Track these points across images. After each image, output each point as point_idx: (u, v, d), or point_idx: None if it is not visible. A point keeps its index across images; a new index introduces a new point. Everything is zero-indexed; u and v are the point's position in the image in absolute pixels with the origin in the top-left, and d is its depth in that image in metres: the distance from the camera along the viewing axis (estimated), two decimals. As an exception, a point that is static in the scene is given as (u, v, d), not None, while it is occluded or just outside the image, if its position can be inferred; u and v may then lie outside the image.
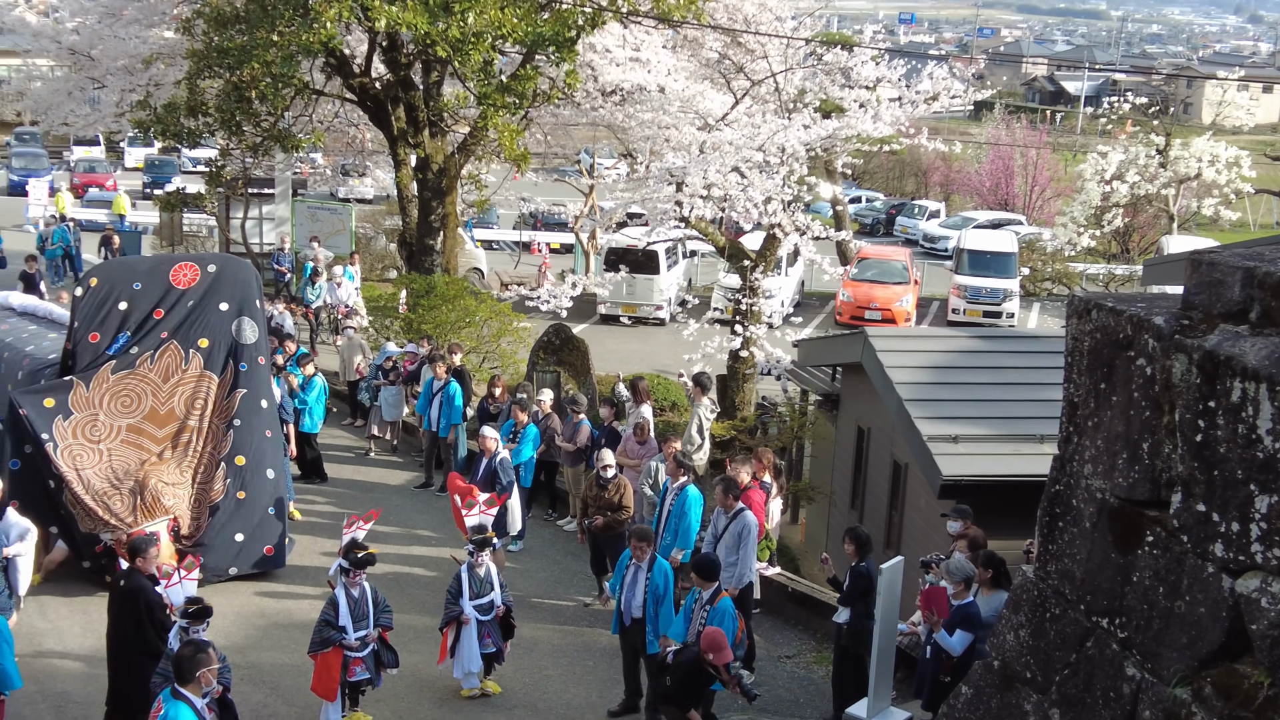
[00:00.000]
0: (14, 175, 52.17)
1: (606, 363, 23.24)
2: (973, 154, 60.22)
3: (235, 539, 14.83)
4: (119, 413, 14.86)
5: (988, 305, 33.96)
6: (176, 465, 14.73)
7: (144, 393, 15.02)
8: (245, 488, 14.95)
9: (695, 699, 10.49)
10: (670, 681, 10.63)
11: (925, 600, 10.43)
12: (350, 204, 35.16)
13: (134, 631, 10.73)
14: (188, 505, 14.56)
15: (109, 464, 14.51)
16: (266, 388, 15.57)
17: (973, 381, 15.02)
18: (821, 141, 19.86)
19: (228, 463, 14.98)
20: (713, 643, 10.27)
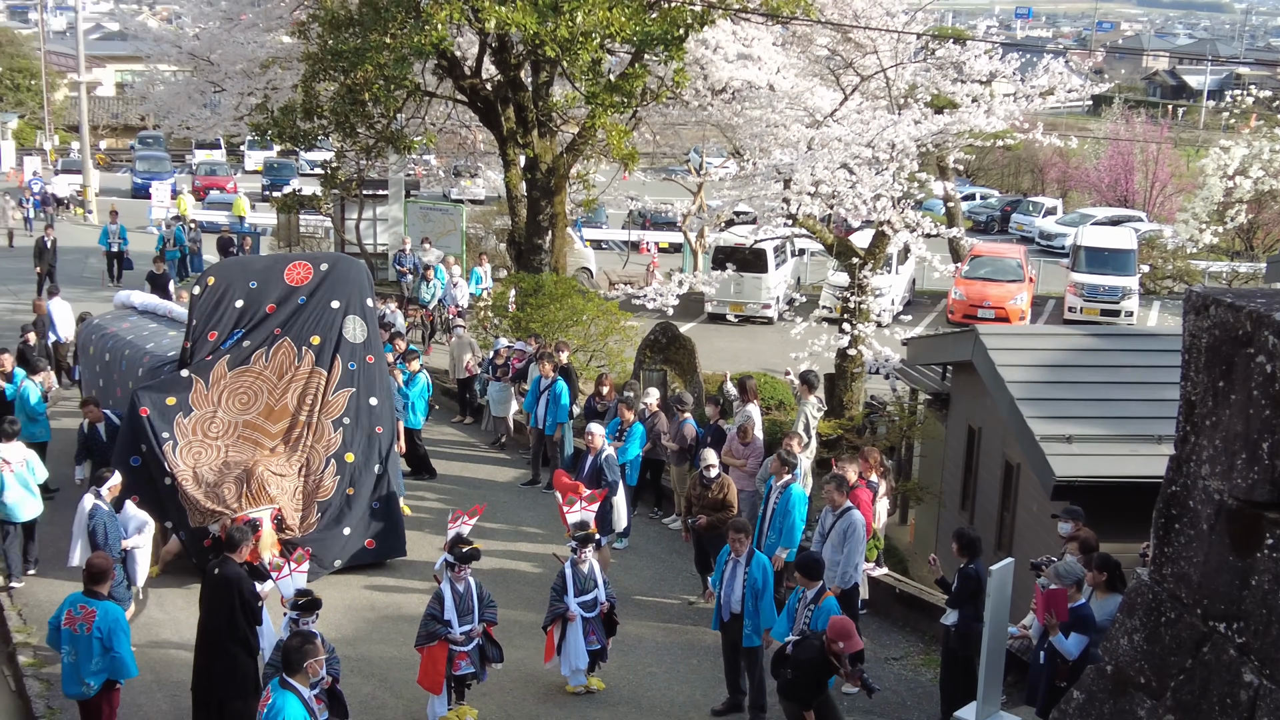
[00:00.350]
0: (138, 178, 53.72)
1: (713, 361, 23.18)
2: (1091, 149, 58.89)
3: (343, 533, 15.07)
4: (237, 409, 15.19)
5: (1105, 303, 33.21)
6: (285, 459, 15.00)
7: (260, 390, 15.33)
8: (354, 484, 15.17)
9: (817, 692, 10.25)
10: (791, 675, 10.33)
11: (1045, 602, 10.19)
12: (462, 205, 35.55)
13: (226, 621, 10.90)
14: (292, 497, 14.80)
15: (224, 459, 14.83)
16: (376, 386, 15.77)
17: (1087, 380, 14.67)
18: (933, 137, 19.55)
19: (338, 459, 15.21)
20: (843, 630, 10.03)
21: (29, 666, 12.59)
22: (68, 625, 10.32)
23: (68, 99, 67.68)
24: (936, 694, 12.46)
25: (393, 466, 15.81)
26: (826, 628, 10.25)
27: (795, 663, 10.27)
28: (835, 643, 9.95)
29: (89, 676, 10.29)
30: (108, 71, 78.53)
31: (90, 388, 18.50)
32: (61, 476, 17.46)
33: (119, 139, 72.60)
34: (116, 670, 10.39)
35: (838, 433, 19.04)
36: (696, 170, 38.26)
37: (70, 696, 10.58)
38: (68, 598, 10.59)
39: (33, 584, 14.60)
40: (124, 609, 11.76)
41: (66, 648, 10.35)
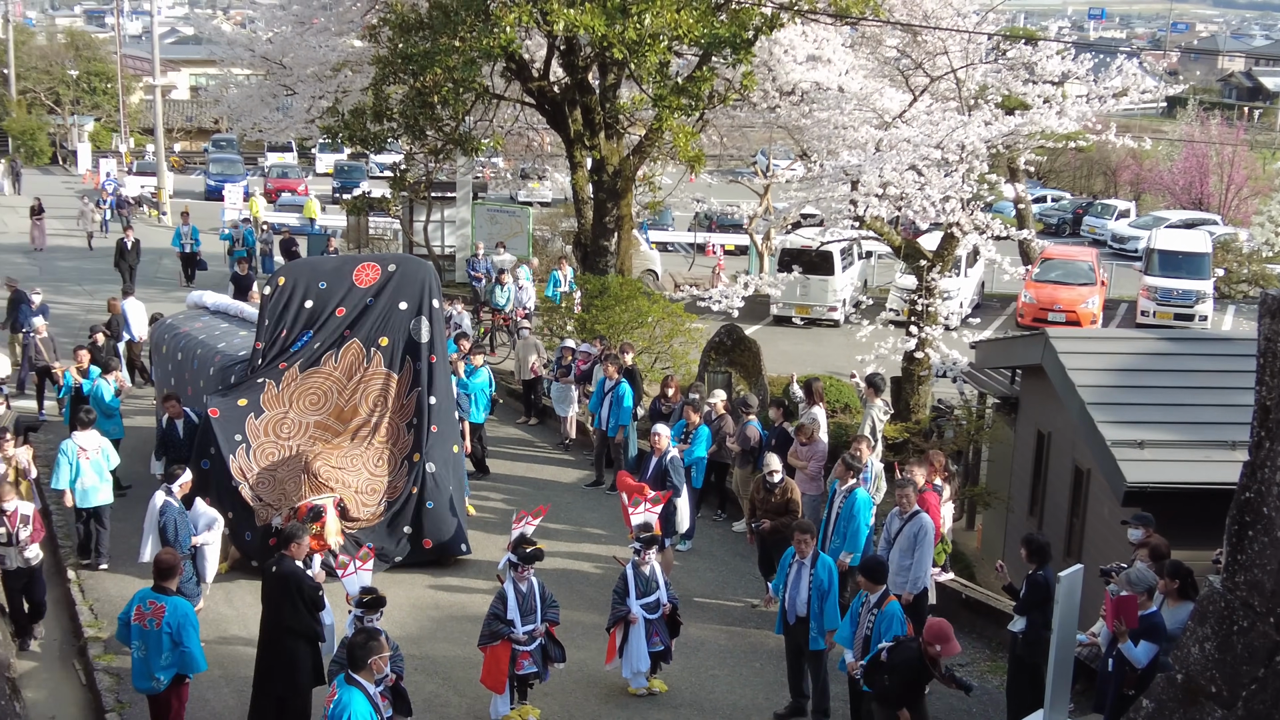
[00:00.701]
0: (211, 180, 54.53)
1: (778, 364, 23.08)
2: (1165, 152, 58.00)
3: (403, 530, 15.23)
4: (307, 410, 15.38)
5: (1179, 307, 32.66)
6: (349, 454, 15.12)
7: (330, 390, 15.51)
8: (417, 483, 15.31)
9: (915, 697, 10.05)
10: (889, 680, 10.08)
11: (1114, 609, 10.02)
12: (529, 207, 35.71)
13: (284, 616, 10.99)
14: (357, 491, 14.94)
15: (292, 458, 15.01)
16: (439, 385, 15.87)
17: (1160, 385, 14.43)
18: (1003, 138, 19.33)
19: (409, 461, 15.35)
20: (941, 633, 9.82)
21: (99, 661, 12.80)
22: (137, 621, 10.46)
23: (143, 102, 68.93)
24: (1002, 701, 12.31)
25: (453, 465, 15.87)
26: (923, 630, 10.06)
27: (892, 668, 10.05)
28: (933, 646, 9.74)
29: (158, 671, 10.43)
30: (182, 75, 80.00)
31: (163, 386, 18.80)
32: (133, 474, 17.79)
33: (193, 142, 73.85)
34: (186, 665, 10.53)
35: (904, 436, 18.88)
36: (763, 172, 38.15)
37: (140, 691, 10.74)
38: (137, 593, 10.74)
39: (103, 579, 14.85)
40: (193, 604, 11.92)
41: (136, 643, 10.49)
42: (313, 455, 14.87)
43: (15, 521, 12.89)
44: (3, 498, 12.88)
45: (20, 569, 13.03)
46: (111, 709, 11.88)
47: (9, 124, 67.62)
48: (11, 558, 12.95)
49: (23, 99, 70.09)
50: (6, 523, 12.87)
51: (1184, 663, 9.28)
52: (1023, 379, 18.22)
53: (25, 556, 12.98)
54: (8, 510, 12.91)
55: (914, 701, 9.96)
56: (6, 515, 12.89)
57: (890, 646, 10.26)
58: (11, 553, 12.93)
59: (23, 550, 12.93)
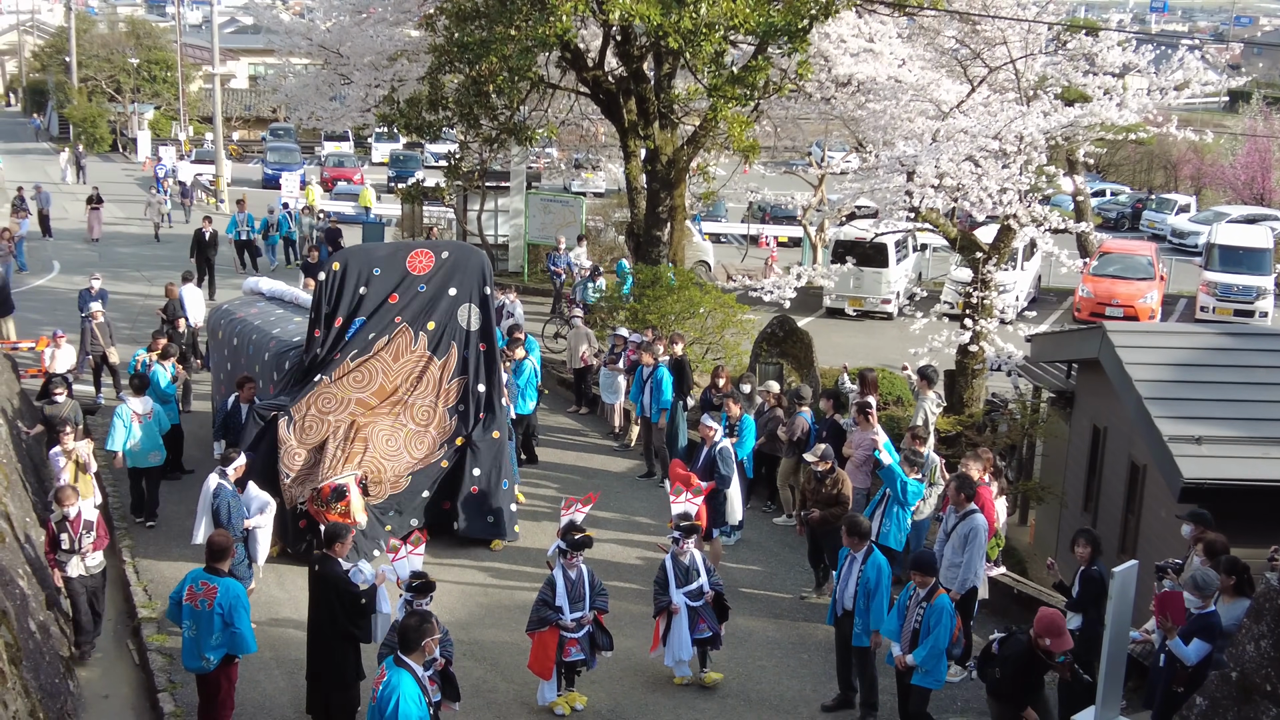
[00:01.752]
0: (269, 169, 55.02)
1: (830, 356, 22.94)
2: (1227, 146, 57.10)
3: (421, 495, 15.41)
4: (351, 387, 15.51)
5: (1239, 303, 32.17)
6: (384, 430, 15.25)
7: (376, 370, 15.65)
8: (449, 459, 15.50)
9: (1032, 692, 9.69)
10: (1000, 674, 9.83)
11: (1160, 605, 9.90)
12: (582, 197, 35.73)
13: (328, 617, 11.05)
14: (388, 467, 15.07)
15: (330, 434, 15.13)
16: (484, 372, 15.92)
17: (1219, 380, 14.20)
18: (1062, 130, 19.08)
19: (449, 444, 15.46)
20: (1051, 626, 9.54)
21: (152, 641, 12.96)
22: (189, 601, 10.57)
23: (202, 91, 69.63)
24: (1051, 695, 12.18)
25: (496, 452, 15.85)
26: (1034, 623, 9.78)
27: (1002, 660, 9.79)
28: (1042, 639, 9.47)
29: (209, 651, 10.53)
30: (241, 64, 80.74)
31: (219, 371, 19.00)
32: (191, 459, 18.01)
33: (251, 130, 74.56)
34: (236, 645, 10.62)
35: (957, 430, 18.72)
36: (818, 163, 37.95)
37: (190, 670, 10.85)
38: (189, 574, 10.86)
39: (157, 561, 15.03)
40: (245, 586, 12.03)
41: (188, 622, 10.60)
42: (348, 432, 15.02)
43: (79, 528, 12.45)
44: (64, 502, 12.47)
45: (82, 576, 12.59)
46: (164, 689, 12.02)
47: (70, 111, 68.56)
48: (74, 566, 12.51)
49: (84, 86, 71.02)
50: (69, 529, 12.44)
51: (1239, 660, 9.14)
52: (1079, 373, 18.01)
53: (88, 565, 12.58)
54: (70, 516, 12.44)
55: (1033, 698, 9.58)
56: (69, 521, 12.44)
57: (1001, 638, 10.00)
58: (74, 560, 12.49)
59: (85, 557, 12.51)
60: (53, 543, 12.58)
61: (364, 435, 15.08)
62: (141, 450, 16.06)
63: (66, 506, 12.44)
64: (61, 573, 12.62)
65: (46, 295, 30.34)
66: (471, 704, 11.62)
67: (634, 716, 11.82)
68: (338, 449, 14.89)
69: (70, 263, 34.68)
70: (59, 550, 12.50)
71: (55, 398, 16.52)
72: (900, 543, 13.61)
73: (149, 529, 16.02)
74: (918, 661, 10.44)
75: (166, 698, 11.86)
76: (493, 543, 15.79)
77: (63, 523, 12.45)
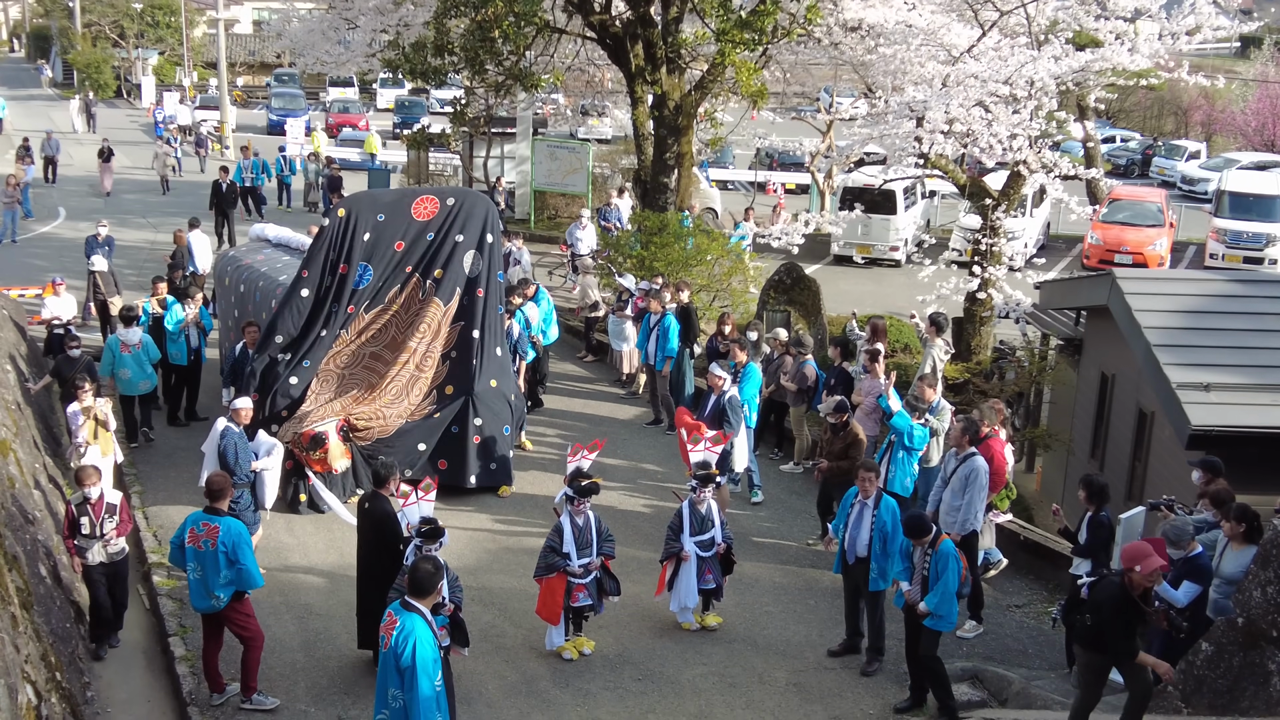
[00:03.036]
0: (273, 115, 54.71)
1: (838, 303, 22.90)
2: (1238, 92, 56.62)
3: (418, 448, 15.38)
4: (368, 343, 15.53)
5: (1249, 250, 32.03)
6: (389, 380, 15.30)
7: (390, 324, 15.63)
8: (441, 408, 15.47)
9: (1127, 640, 8.86)
10: (1091, 620, 9.06)
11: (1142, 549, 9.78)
12: (589, 143, 35.51)
13: (377, 554, 11.15)
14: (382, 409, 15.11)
15: (338, 389, 15.16)
16: (479, 319, 15.86)
17: (1228, 328, 14.16)
18: (1073, 75, 18.90)
19: (439, 391, 15.48)
20: (1137, 552, 8.82)
21: (163, 585, 13.03)
22: (191, 543, 10.62)
23: (206, 36, 69.20)
24: (1058, 641, 12.25)
25: (493, 400, 15.77)
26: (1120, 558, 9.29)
27: (1094, 605, 9.10)
28: (1132, 567, 8.75)
29: (218, 589, 10.60)
30: (245, 9, 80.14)
31: (226, 318, 19.00)
32: (202, 406, 18.07)
33: (255, 76, 74.11)
34: (244, 581, 10.68)
35: (965, 377, 18.70)
36: (826, 109, 37.68)
37: (200, 610, 10.91)
38: (189, 517, 10.90)
39: (166, 507, 15.08)
40: (252, 532, 12.08)
41: (192, 564, 10.65)
42: (352, 384, 15.15)
43: (100, 511, 11.59)
44: (85, 482, 11.60)
45: (103, 563, 11.67)
46: (174, 632, 12.11)
47: (74, 57, 68.17)
48: (95, 552, 11.60)
49: (88, 32, 70.58)
50: (90, 512, 11.56)
51: (1245, 606, 9.18)
52: (1087, 320, 17.97)
53: (110, 551, 11.66)
54: (92, 498, 11.57)
55: (1127, 646, 8.88)
56: (91, 504, 11.57)
57: (1092, 582, 9.54)
58: (95, 546, 11.59)
59: (108, 544, 11.64)
60: (71, 526, 11.63)
61: (369, 383, 15.11)
62: (133, 379, 16.96)
63: (88, 487, 11.57)
64: (81, 560, 11.67)
65: (53, 242, 30.31)
66: (480, 648, 11.71)
67: (641, 661, 11.89)
68: (338, 397, 14.94)
69: (76, 210, 34.61)
70: (78, 535, 11.59)
71: (70, 350, 16.49)
72: (907, 489, 13.66)
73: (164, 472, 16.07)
74: (931, 608, 10.46)
75: (177, 642, 11.94)
76: (500, 489, 15.82)
77: (83, 505, 11.58)
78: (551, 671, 11.65)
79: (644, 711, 11.01)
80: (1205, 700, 9.37)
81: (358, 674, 11.38)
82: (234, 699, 10.94)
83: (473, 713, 10.81)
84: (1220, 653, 9.34)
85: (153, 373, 17.37)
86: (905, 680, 11.26)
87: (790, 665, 11.91)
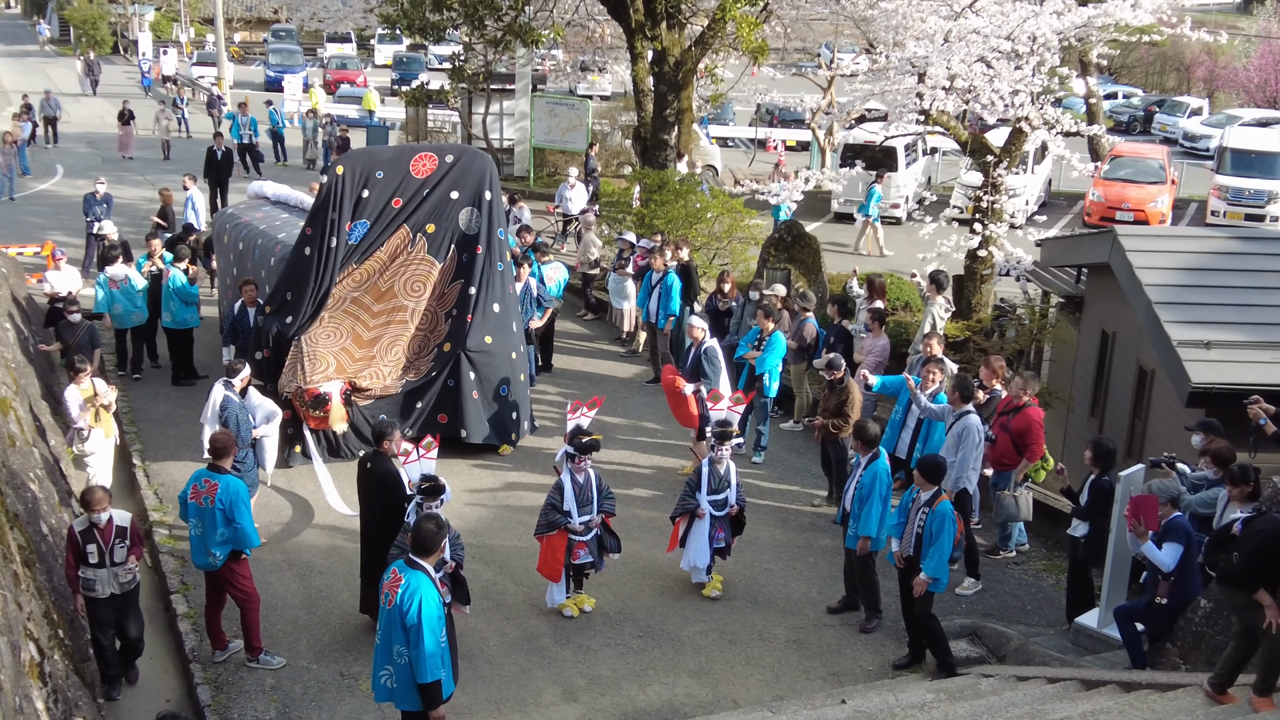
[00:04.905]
0: (271, 71, 54.40)
1: (838, 261, 22.85)
2: (1241, 48, 56.25)
3: (416, 406, 15.41)
4: (350, 287, 15.51)
5: (1250, 207, 31.91)
6: (378, 332, 15.31)
7: (373, 270, 15.60)
8: (440, 369, 15.44)
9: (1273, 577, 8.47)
10: (1239, 557, 8.61)
11: (1134, 508, 9.85)
12: (588, 100, 35.33)
13: (380, 514, 11.15)
14: (379, 368, 15.15)
15: (322, 330, 15.16)
16: (478, 277, 15.76)
17: (1229, 285, 14.12)
18: (1076, 30, 18.74)
19: (438, 349, 15.44)
20: None
21: (164, 544, 13.07)
22: (193, 499, 10.66)
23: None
24: (1056, 598, 12.31)
25: (491, 356, 15.65)
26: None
27: (1244, 540, 8.64)
28: None
29: (214, 547, 10.63)
30: (243, -36, 79.45)
31: (225, 276, 18.95)
32: (202, 364, 18.08)
33: (253, 32, 73.67)
34: (239, 540, 10.71)
35: (965, 335, 18.68)
36: (827, 65, 37.45)
37: (199, 567, 10.96)
38: (194, 474, 10.93)
39: (169, 466, 15.09)
40: (251, 492, 12.09)
41: (193, 520, 10.70)
42: (355, 338, 15.16)
43: (110, 535, 10.25)
44: (95, 507, 10.23)
45: (114, 595, 10.36)
46: (177, 590, 12.15)
47: (70, 13, 67.69)
48: (103, 582, 10.27)
49: (84, -13, 70.06)
50: (99, 538, 10.20)
51: (1245, 564, 9.18)
52: (1088, 278, 17.93)
53: (121, 581, 10.37)
54: (100, 523, 10.23)
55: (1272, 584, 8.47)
56: (99, 529, 10.22)
57: (1245, 518, 9.00)
58: (104, 576, 10.25)
59: (118, 574, 10.34)
60: (77, 555, 10.23)
61: (371, 341, 15.11)
62: (124, 312, 17.87)
63: (97, 511, 10.23)
64: (85, 594, 10.31)
65: (50, 199, 30.22)
66: (481, 606, 11.75)
67: (642, 619, 11.94)
68: (341, 351, 14.95)
69: (74, 167, 34.49)
70: (84, 564, 10.23)
71: (70, 316, 16.43)
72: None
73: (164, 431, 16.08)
74: (929, 573, 10.48)
75: (179, 599, 11.98)
76: (501, 447, 15.84)
77: (89, 530, 10.22)
78: (552, 628, 11.70)
79: (644, 668, 11.07)
80: (1203, 656, 9.42)
81: (360, 631, 11.43)
82: (236, 655, 10.99)
83: (474, 669, 10.86)
84: (1219, 609, 9.38)
85: (144, 305, 17.97)
86: (904, 637, 11.32)
87: (790, 622, 11.96)
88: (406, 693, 8.69)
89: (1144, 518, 9.73)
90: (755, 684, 10.90)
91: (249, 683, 10.66)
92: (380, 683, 8.84)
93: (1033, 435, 12.89)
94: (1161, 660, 9.77)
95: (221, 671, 10.83)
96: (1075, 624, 11.24)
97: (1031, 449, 12.94)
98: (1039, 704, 9.21)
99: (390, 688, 8.78)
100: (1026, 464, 13.03)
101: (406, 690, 8.68)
